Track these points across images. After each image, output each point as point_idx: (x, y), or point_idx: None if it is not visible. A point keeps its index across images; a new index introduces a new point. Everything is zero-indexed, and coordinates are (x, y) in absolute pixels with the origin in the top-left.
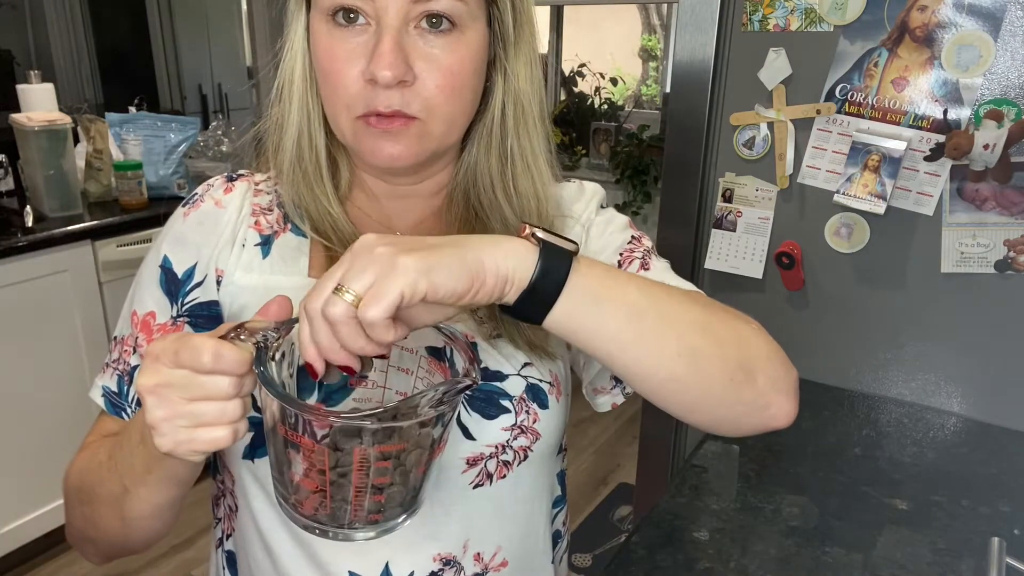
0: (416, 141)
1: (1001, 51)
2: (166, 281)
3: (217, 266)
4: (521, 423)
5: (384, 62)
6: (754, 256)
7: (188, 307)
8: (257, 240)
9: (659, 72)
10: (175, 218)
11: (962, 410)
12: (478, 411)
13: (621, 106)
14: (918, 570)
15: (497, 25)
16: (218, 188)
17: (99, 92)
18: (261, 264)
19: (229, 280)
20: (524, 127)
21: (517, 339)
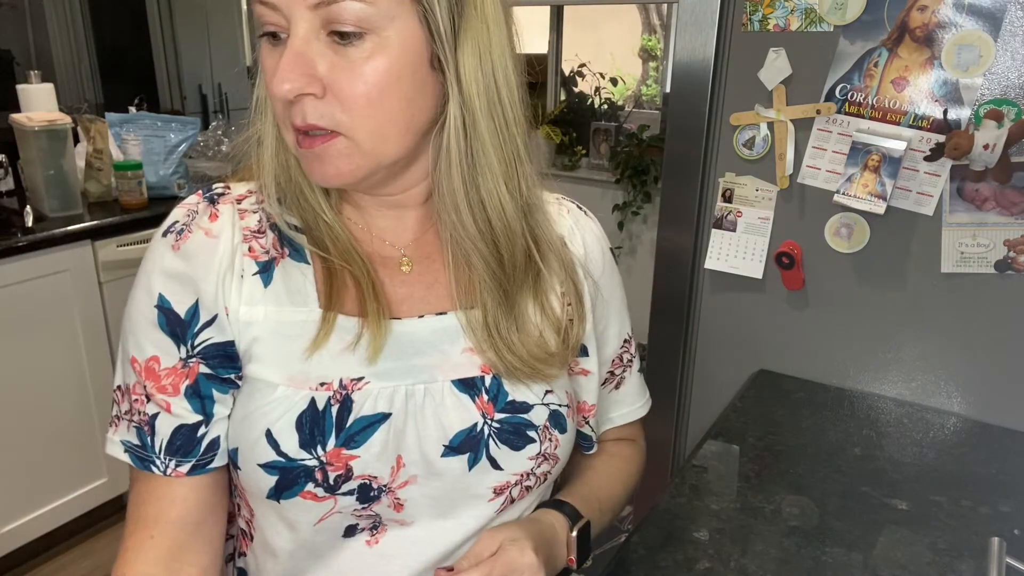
0: (345, 158)
1: (1001, 51)
2: (167, 323)
3: (224, 304)
4: (545, 451)
5: (280, 75)
6: (754, 256)
7: (201, 348)
8: (255, 269)
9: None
10: (161, 251)
11: (962, 410)
12: (507, 443)
13: (621, 106)
14: (918, 570)
15: (429, 20)
16: (203, 216)
17: (99, 92)
18: (264, 295)
19: (234, 317)
20: (477, 140)
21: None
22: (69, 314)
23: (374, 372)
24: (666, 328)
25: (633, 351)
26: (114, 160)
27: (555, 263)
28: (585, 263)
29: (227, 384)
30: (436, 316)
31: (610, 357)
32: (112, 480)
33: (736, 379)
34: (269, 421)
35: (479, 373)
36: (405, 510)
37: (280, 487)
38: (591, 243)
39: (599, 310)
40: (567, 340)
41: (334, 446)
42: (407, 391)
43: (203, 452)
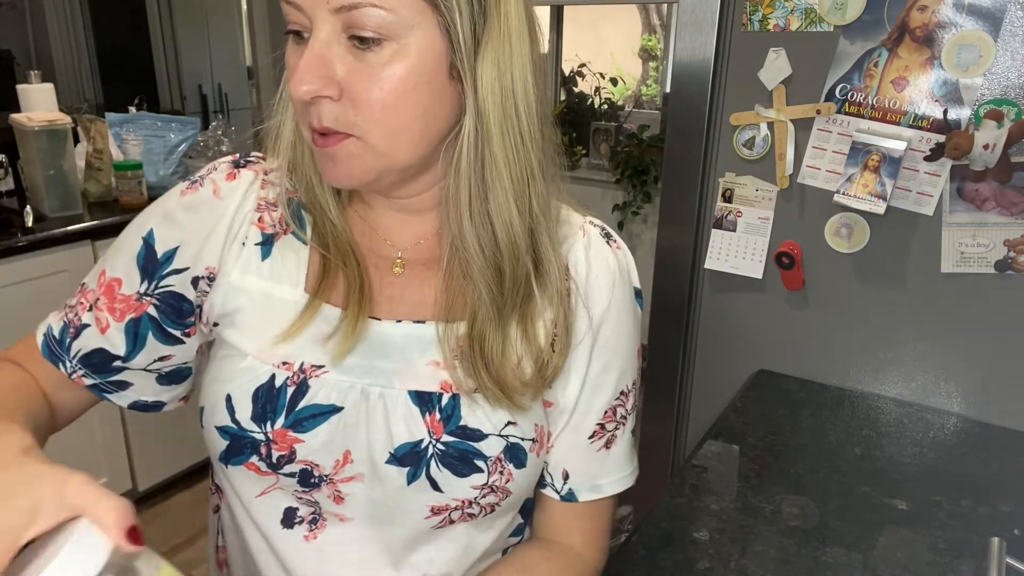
0: (357, 160)
1: (1001, 51)
2: (144, 256)
3: (208, 264)
4: (493, 483)
5: (298, 77)
6: (754, 256)
7: (160, 292)
8: (258, 239)
9: (659, 72)
10: (172, 194)
11: (962, 410)
12: (448, 467)
13: (621, 106)
14: (918, 570)
15: (450, 30)
16: (221, 173)
17: (99, 92)
18: (259, 266)
19: (225, 279)
20: (490, 156)
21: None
22: None
23: (336, 364)
24: (666, 328)
25: (630, 408)
26: (114, 160)
27: (550, 288)
28: (585, 295)
29: (166, 337)
30: (414, 323)
31: (602, 407)
32: (112, 480)
33: (736, 379)
34: (231, 388)
35: (438, 389)
36: (345, 504)
37: (229, 452)
38: (599, 275)
39: (597, 352)
40: (543, 372)
41: (281, 426)
42: (363, 390)
43: (108, 382)
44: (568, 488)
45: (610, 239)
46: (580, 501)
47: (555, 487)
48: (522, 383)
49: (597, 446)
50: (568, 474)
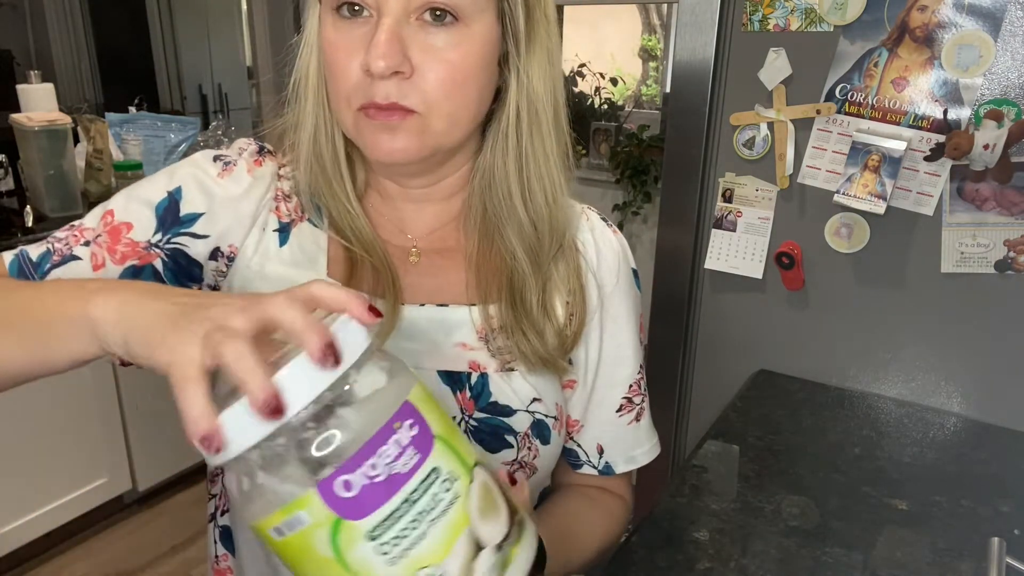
0: (416, 136)
1: (1001, 51)
2: (166, 208)
3: (231, 242)
4: (522, 459)
5: (378, 52)
6: (754, 256)
7: (171, 248)
8: (276, 226)
9: (659, 72)
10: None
11: (962, 410)
12: (482, 443)
13: (621, 106)
14: (918, 570)
15: (508, 21)
16: (250, 157)
17: (99, 92)
18: (279, 252)
19: (245, 263)
20: (538, 130)
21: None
22: None
23: None
24: (666, 328)
25: (644, 388)
26: (114, 160)
27: (569, 263)
28: (597, 272)
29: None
30: (437, 307)
31: (627, 380)
32: (112, 480)
33: (736, 379)
34: None
35: (466, 369)
36: None
37: None
38: (607, 254)
39: (608, 326)
40: (564, 344)
41: None
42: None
43: None
44: (604, 462)
45: (607, 224)
46: (617, 473)
47: (592, 463)
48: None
49: (627, 419)
50: (603, 448)
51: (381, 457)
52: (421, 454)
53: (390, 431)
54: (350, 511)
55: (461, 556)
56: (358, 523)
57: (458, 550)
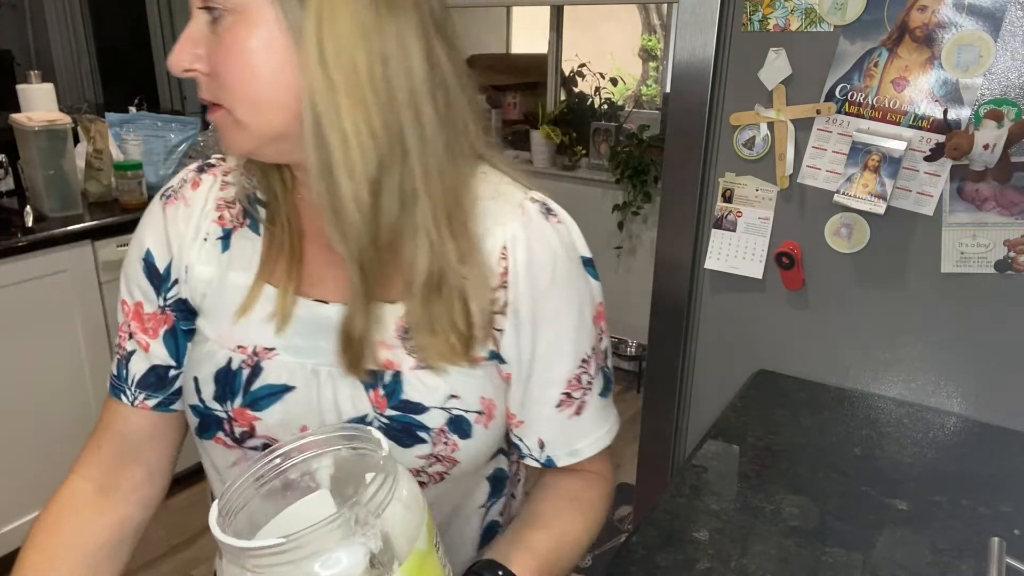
0: (234, 129)
1: (1001, 51)
2: (149, 274)
3: (187, 264)
4: (438, 453)
5: (171, 55)
6: (754, 256)
7: (171, 301)
8: (219, 234)
9: (659, 72)
10: (155, 208)
11: (962, 410)
12: (394, 439)
13: (621, 106)
14: (918, 570)
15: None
16: (188, 185)
17: (99, 92)
18: (220, 258)
19: (192, 274)
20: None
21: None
22: (69, 314)
23: (285, 346)
24: (666, 328)
25: (594, 372)
26: (114, 160)
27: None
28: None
29: (193, 334)
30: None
31: (565, 376)
32: None
33: (736, 379)
34: (197, 371)
35: (381, 367)
36: None
37: (200, 429)
38: (539, 251)
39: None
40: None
41: (240, 405)
42: (312, 369)
43: (169, 394)
44: (546, 456)
45: (550, 214)
46: (559, 467)
47: (534, 456)
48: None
49: (567, 414)
50: (544, 443)
51: None
52: None
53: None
54: None
55: None
56: None
57: None
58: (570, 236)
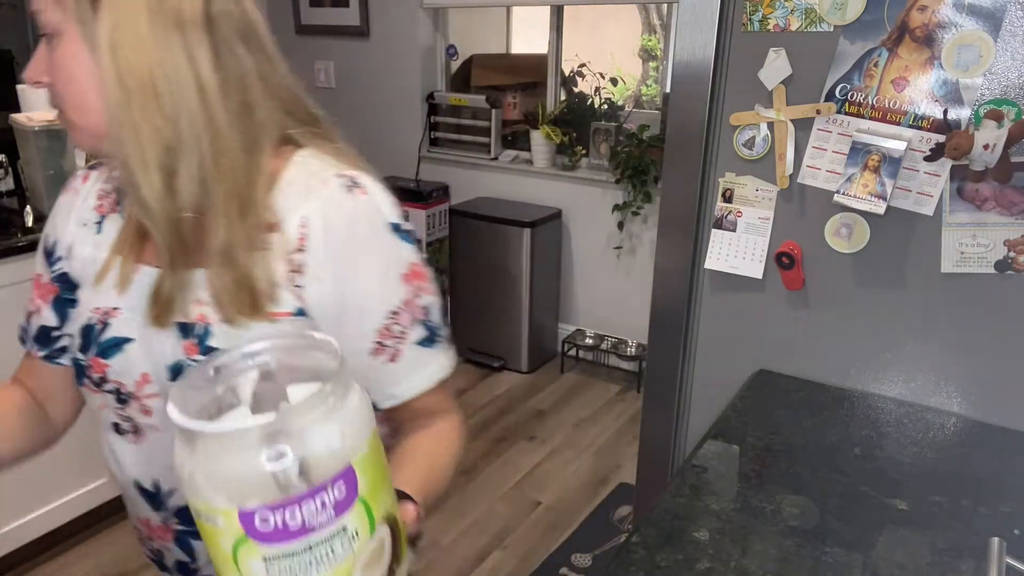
0: (72, 129)
1: (1001, 51)
2: (44, 253)
3: (70, 244)
4: None
5: (25, 72)
6: (754, 256)
7: (56, 275)
8: (96, 219)
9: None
10: (59, 198)
11: (962, 410)
12: None
13: (621, 106)
14: (918, 570)
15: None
16: (80, 177)
17: None
18: (95, 239)
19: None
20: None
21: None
22: None
23: (127, 305)
24: (666, 328)
25: (408, 324)
26: None
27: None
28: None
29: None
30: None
31: (375, 328)
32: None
33: (736, 379)
34: (72, 329)
35: (196, 320)
36: (154, 416)
37: (76, 376)
38: (335, 220)
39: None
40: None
41: (94, 355)
42: (145, 323)
43: (56, 348)
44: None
45: (355, 187)
46: (382, 409)
47: None
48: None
49: (382, 360)
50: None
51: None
52: (337, 514)
53: (322, 489)
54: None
55: None
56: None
57: None
58: (374, 205)
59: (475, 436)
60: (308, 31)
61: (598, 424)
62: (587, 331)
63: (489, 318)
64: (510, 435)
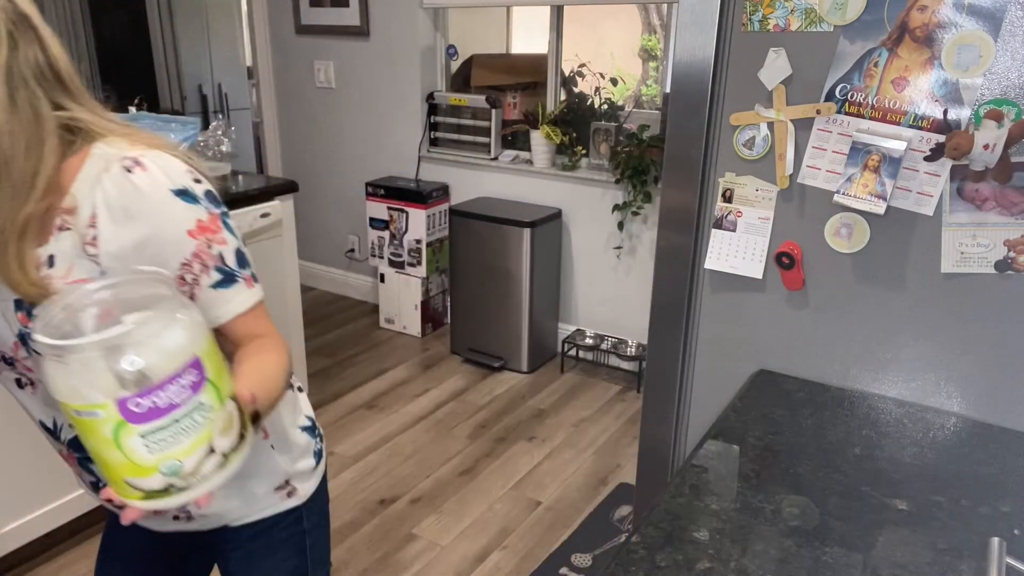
0: None
1: (1001, 51)
2: None
3: None
4: None
5: None
6: (754, 256)
7: None
8: None
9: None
10: None
11: (962, 410)
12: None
13: (621, 106)
14: (918, 570)
15: None
16: None
17: (99, 92)
18: None
19: None
20: None
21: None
22: None
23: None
24: (666, 328)
25: (199, 271)
26: None
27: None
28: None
29: None
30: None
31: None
32: None
33: (736, 379)
34: None
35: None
36: (35, 372)
37: None
38: (115, 195)
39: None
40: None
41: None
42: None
43: None
44: None
45: (136, 166)
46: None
47: None
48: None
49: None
50: None
51: (166, 392)
52: (194, 393)
53: (180, 375)
54: (132, 419)
55: (196, 457)
56: (135, 426)
57: (197, 453)
58: (152, 178)
59: (475, 436)
60: (308, 31)
61: (598, 424)
62: (587, 331)
63: (489, 318)
64: (510, 435)
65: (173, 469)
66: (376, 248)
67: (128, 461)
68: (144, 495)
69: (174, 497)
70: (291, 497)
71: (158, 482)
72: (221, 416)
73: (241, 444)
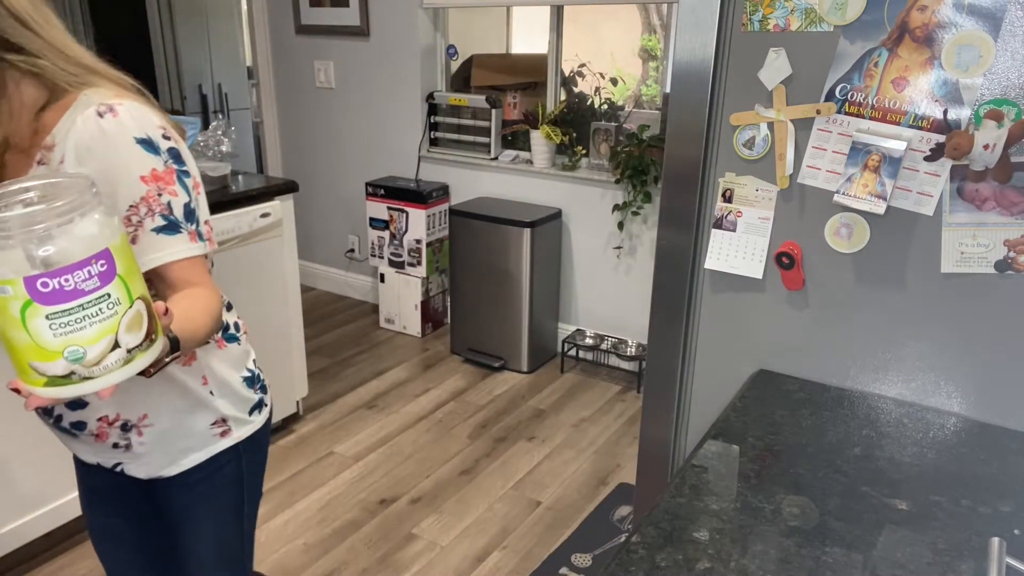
0: None
1: (1001, 51)
2: None
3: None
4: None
5: None
6: (754, 256)
7: None
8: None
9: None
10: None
11: (962, 410)
12: None
13: (621, 106)
14: (918, 570)
15: None
16: None
17: None
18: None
19: None
20: None
21: None
22: None
23: None
24: (666, 328)
25: (144, 214)
26: None
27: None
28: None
29: None
30: None
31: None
32: None
33: (736, 379)
34: None
35: None
36: None
37: None
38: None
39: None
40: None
41: None
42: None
43: None
44: None
45: (109, 112)
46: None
47: None
48: None
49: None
50: None
51: (75, 276)
52: (102, 283)
53: (88, 263)
54: (39, 299)
55: (101, 347)
56: (42, 307)
57: (101, 344)
58: (120, 125)
59: (475, 436)
60: (308, 31)
61: (598, 424)
62: (587, 331)
63: (489, 318)
64: (510, 435)
65: (76, 356)
66: (376, 248)
67: (33, 343)
68: (47, 380)
69: (76, 386)
70: (225, 436)
71: (61, 367)
72: (129, 313)
73: (149, 346)
